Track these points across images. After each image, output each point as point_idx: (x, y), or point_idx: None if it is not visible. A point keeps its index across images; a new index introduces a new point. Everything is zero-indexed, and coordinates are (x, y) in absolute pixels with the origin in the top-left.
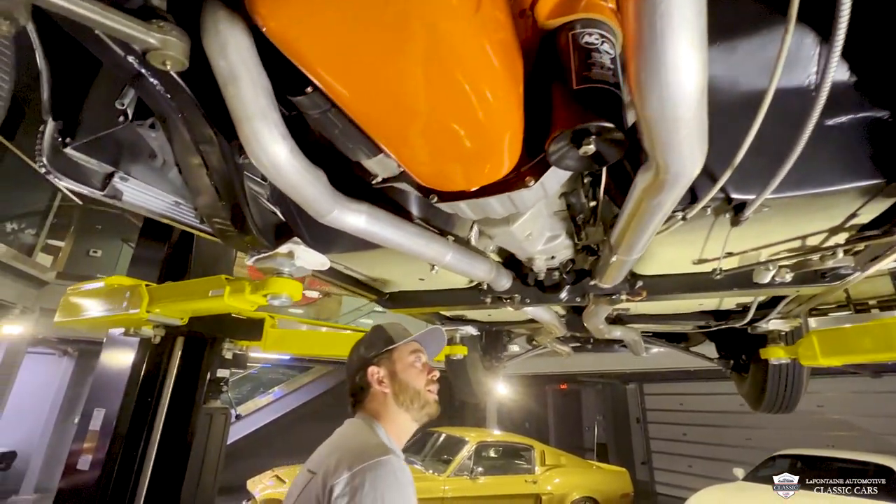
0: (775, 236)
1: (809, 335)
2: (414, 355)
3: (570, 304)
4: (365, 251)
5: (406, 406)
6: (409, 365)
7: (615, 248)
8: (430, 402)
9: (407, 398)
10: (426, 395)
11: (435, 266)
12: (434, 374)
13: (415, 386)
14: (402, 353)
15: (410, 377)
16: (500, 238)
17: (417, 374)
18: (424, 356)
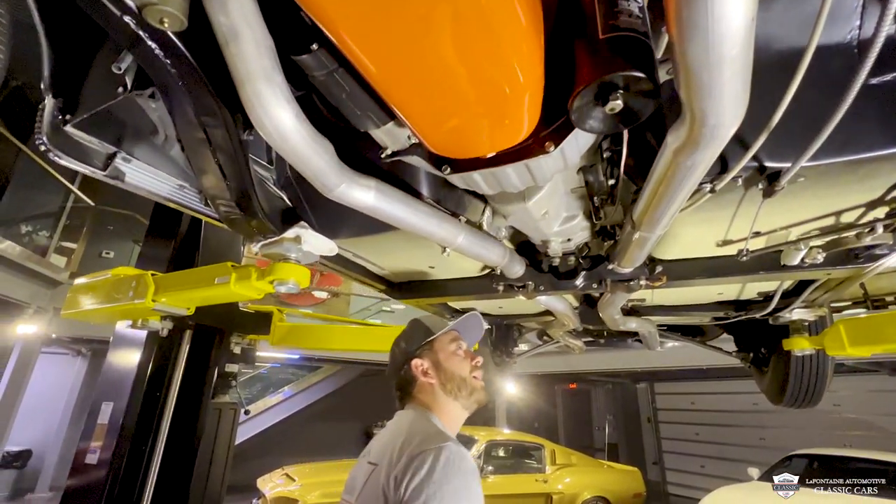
0: (807, 212)
1: (836, 324)
2: (454, 343)
3: (585, 291)
4: (373, 235)
5: (454, 394)
6: (451, 353)
7: (638, 224)
8: (478, 389)
9: (454, 386)
10: (472, 381)
11: (447, 248)
12: (478, 360)
13: (460, 374)
14: (443, 342)
15: (454, 365)
16: (516, 217)
17: (461, 361)
18: (465, 343)
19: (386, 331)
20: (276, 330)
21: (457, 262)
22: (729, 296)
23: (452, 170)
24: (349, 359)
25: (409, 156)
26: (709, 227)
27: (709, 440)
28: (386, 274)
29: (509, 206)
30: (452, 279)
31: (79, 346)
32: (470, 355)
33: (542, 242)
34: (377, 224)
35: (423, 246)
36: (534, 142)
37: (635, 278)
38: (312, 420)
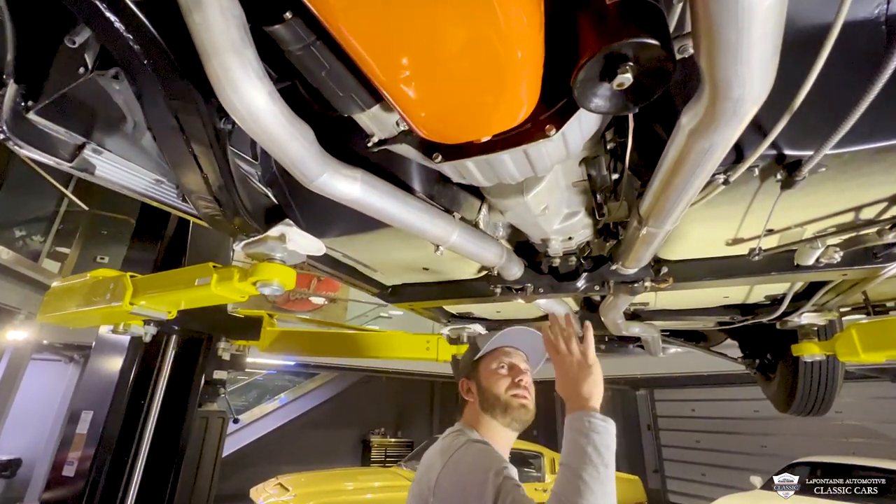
0: (826, 207)
1: (848, 329)
2: (497, 361)
3: (587, 293)
4: (364, 234)
5: (491, 413)
6: (491, 372)
7: (645, 218)
8: (514, 406)
9: (489, 405)
10: (508, 399)
11: (441, 247)
12: (520, 377)
13: (495, 392)
14: (487, 361)
15: (491, 384)
16: (514, 213)
17: (498, 379)
18: (513, 359)
19: (381, 337)
20: (265, 335)
21: (453, 263)
22: (735, 299)
23: (444, 157)
24: (346, 365)
25: (397, 144)
26: (719, 225)
27: (709, 448)
28: (378, 276)
29: (507, 201)
30: (448, 281)
31: (71, 353)
32: (513, 373)
33: (541, 241)
34: (367, 222)
35: (417, 246)
36: (532, 125)
37: (640, 280)
38: (308, 428)
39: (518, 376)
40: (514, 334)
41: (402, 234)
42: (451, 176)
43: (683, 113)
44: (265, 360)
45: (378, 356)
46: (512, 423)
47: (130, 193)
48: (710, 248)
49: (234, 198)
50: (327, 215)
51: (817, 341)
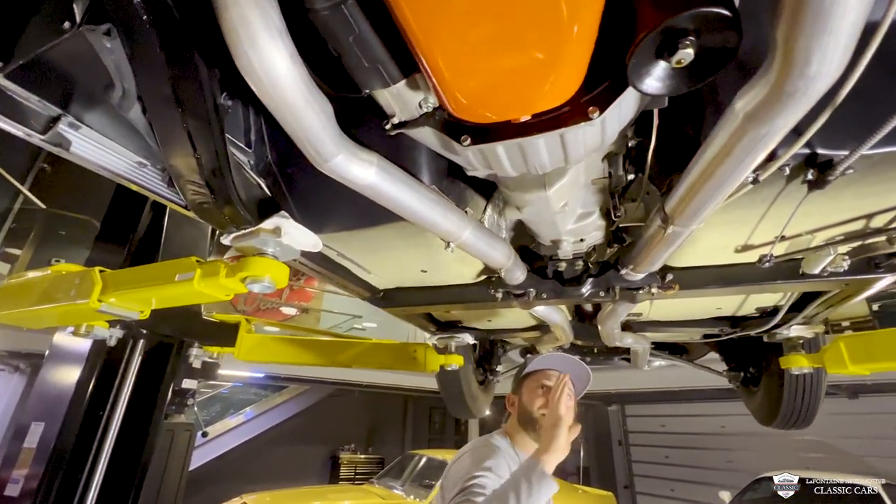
0: (842, 213)
1: (836, 341)
2: (537, 382)
3: (591, 300)
4: (363, 230)
5: (524, 427)
6: (532, 391)
7: (671, 217)
8: (543, 426)
9: (525, 420)
10: (539, 418)
11: (451, 244)
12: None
13: (529, 409)
14: (531, 381)
15: (528, 401)
16: (532, 209)
17: (534, 399)
18: (551, 382)
19: (367, 345)
20: (242, 342)
21: (453, 266)
22: (727, 311)
23: (473, 140)
24: (318, 378)
25: (418, 127)
26: (731, 230)
27: (678, 463)
28: (372, 278)
29: (527, 195)
30: (445, 286)
31: (17, 362)
32: (546, 394)
33: (551, 242)
34: (370, 216)
35: (419, 244)
36: (572, 108)
37: (646, 286)
38: (275, 443)
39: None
40: (555, 359)
41: (405, 232)
42: (471, 165)
43: (739, 96)
44: (233, 371)
45: (363, 365)
46: (539, 439)
47: (109, 175)
48: (718, 255)
49: (228, 183)
50: (325, 209)
51: (805, 354)
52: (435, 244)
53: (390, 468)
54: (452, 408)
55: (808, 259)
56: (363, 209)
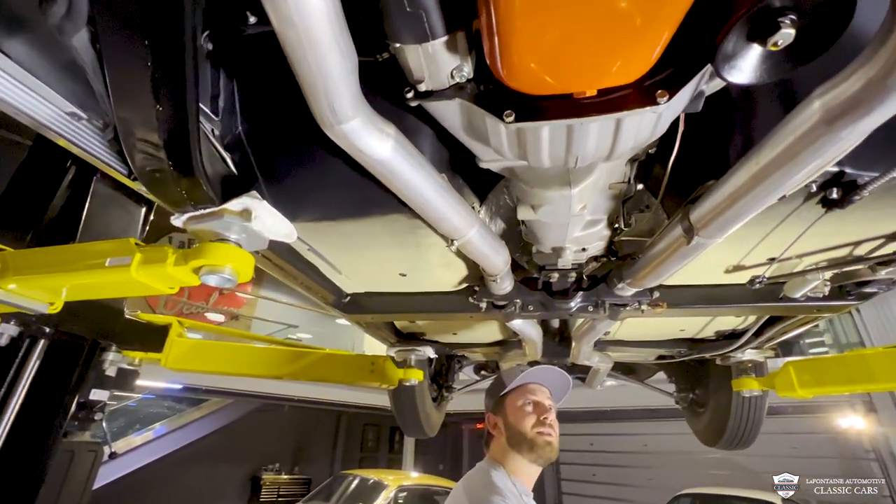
0: (839, 237)
1: (786, 365)
2: (524, 398)
3: (579, 314)
4: (349, 221)
5: (518, 449)
6: (518, 409)
7: (697, 227)
8: (540, 444)
9: (517, 442)
10: (534, 437)
11: (455, 242)
12: (545, 415)
13: (521, 429)
14: (514, 397)
15: (518, 420)
16: (549, 209)
17: (525, 416)
18: (538, 396)
19: (319, 355)
20: (172, 347)
21: (436, 269)
22: (690, 333)
23: (518, 116)
24: (244, 391)
25: (446, 100)
26: (731, 247)
27: (604, 481)
28: (341, 280)
29: (548, 192)
30: (423, 293)
31: None
32: (539, 411)
33: (552, 250)
34: (357, 205)
35: (406, 244)
36: (637, 91)
37: (635, 303)
38: (189, 463)
39: (543, 414)
40: (539, 371)
41: (395, 227)
42: (497, 152)
43: (820, 92)
44: (146, 381)
45: (315, 378)
46: (538, 459)
47: (30, 123)
48: (708, 275)
49: (193, 149)
50: (305, 193)
51: (755, 377)
52: (425, 243)
53: (319, 490)
54: (405, 426)
55: (793, 283)
56: (352, 196)
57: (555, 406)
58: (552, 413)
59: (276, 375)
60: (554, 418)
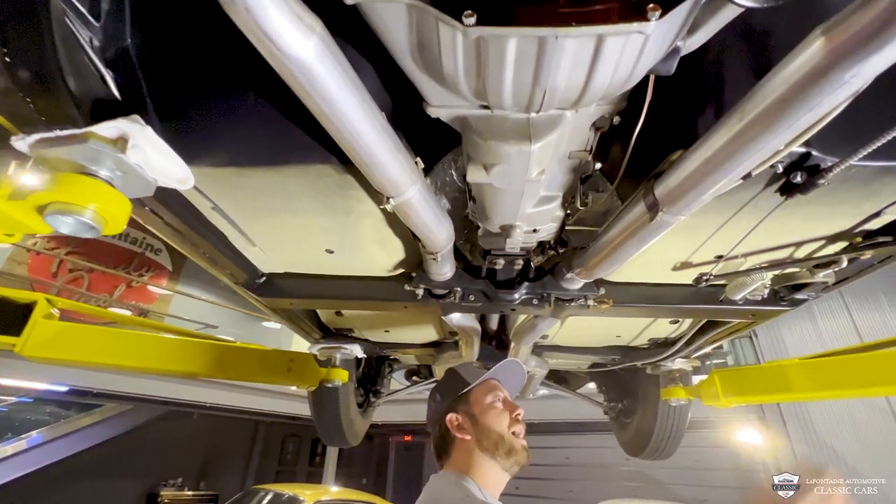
0: (785, 234)
1: (712, 375)
2: (492, 395)
3: (523, 308)
4: (260, 170)
5: (492, 453)
6: (488, 406)
7: (663, 202)
8: (517, 448)
9: (491, 444)
10: (511, 439)
11: (391, 201)
12: (518, 412)
13: (497, 429)
14: (479, 394)
15: (491, 420)
16: (505, 168)
17: (498, 415)
18: (504, 393)
19: (228, 348)
20: (35, 329)
21: (368, 246)
22: (625, 340)
23: (480, 19)
24: (146, 395)
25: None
26: (682, 240)
27: (528, 494)
28: (255, 254)
29: (505, 146)
30: (353, 277)
31: None
32: (510, 407)
33: (500, 230)
34: (272, 150)
35: (333, 208)
36: (621, 4)
37: (582, 298)
38: (72, 477)
39: (516, 412)
40: (505, 366)
41: (319, 184)
42: (449, 79)
43: (824, 29)
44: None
45: (221, 375)
46: (512, 465)
47: None
48: (655, 272)
49: (47, 48)
50: (206, 130)
51: (683, 386)
52: (357, 210)
53: None
54: (325, 433)
55: (735, 284)
56: (268, 137)
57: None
58: (521, 410)
59: (171, 370)
60: None
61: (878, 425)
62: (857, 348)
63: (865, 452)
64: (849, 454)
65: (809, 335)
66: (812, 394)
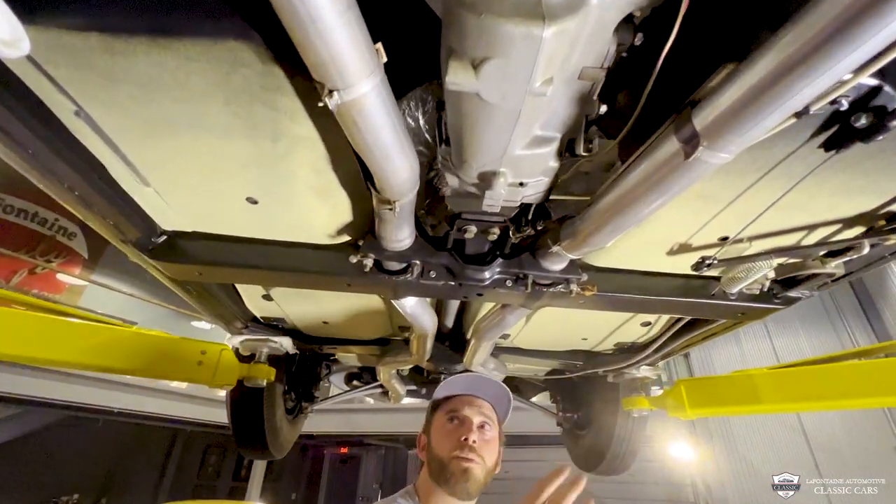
0: (804, 213)
1: (678, 384)
2: (451, 414)
3: (494, 292)
4: (143, 45)
5: (434, 478)
6: (439, 427)
7: (705, 134)
8: (453, 472)
9: (435, 468)
10: (451, 464)
11: (335, 95)
12: (467, 435)
13: (438, 453)
14: (441, 412)
15: (437, 442)
16: (502, 64)
17: (444, 437)
18: (468, 410)
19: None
20: None
21: (304, 197)
22: (591, 343)
23: None
24: (39, 398)
25: None
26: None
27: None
28: (150, 201)
29: (507, 26)
30: (283, 243)
31: None
32: (464, 431)
33: (478, 179)
34: (161, 7)
35: (257, 128)
36: None
37: (564, 282)
38: None
39: (465, 434)
40: (474, 382)
41: (235, 79)
42: None
43: None
44: None
45: (108, 364)
46: (457, 492)
47: None
48: (647, 258)
49: None
50: None
51: (647, 396)
52: (289, 135)
53: None
54: (244, 443)
55: (736, 272)
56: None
57: (493, 422)
58: (479, 433)
59: (49, 359)
60: (481, 438)
61: (790, 441)
62: (824, 359)
63: (780, 466)
64: (765, 467)
65: (735, 356)
66: (781, 405)
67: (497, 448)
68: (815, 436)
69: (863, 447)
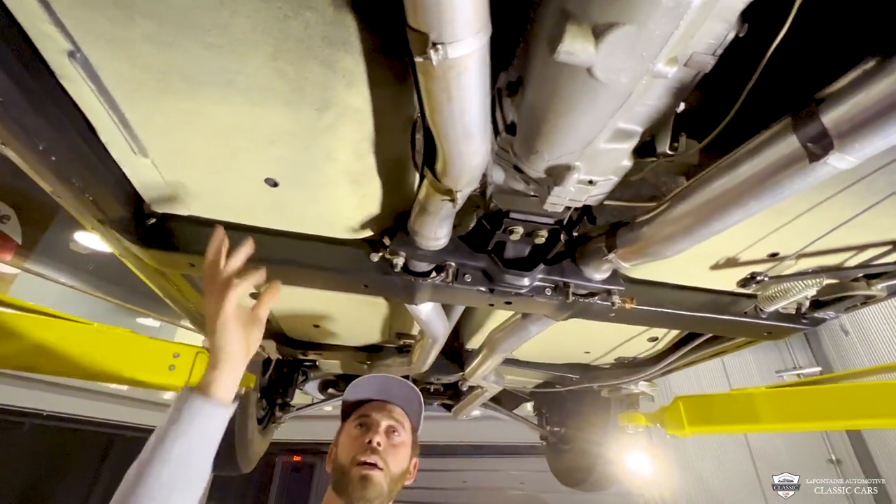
0: (857, 231)
1: (676, 401)
2: (361, 418)
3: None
4: None
5: (337, 488)
6: (346, 435)
7: (845, 128)
8: (353, 481)
9: (337, 478)
10: (351, 471)
11: (440, 46)
12: (371, 438)
13: (339, 459)
14: (350, 421)
15: (340, 447)
16: (626, 37)
17: (349, 444)
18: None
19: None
20: None
21: (333, 182)
22: (593, 357)
23: None
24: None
25: None
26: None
27: None
28: (144, 171)
29: None
30: (294, 234)
31: None
32: (370, 434)
33: (546, 174)
34: None
35: (305, 91)
36: None
37: (604, 293)
38: None
39: (371, 437)
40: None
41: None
42: None
43: None
44: None
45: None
46: (353, 500)
47: None
48: (687, 270)
49: None
50: None
51: (643, 412)
52: (341, 103)
53: None
54: None
55: (777, 291)
56: None
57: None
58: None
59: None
60: (388, 442)
61: (737, 459)
62: (822, 379)
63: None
64: (712, 481)
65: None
66: (779, 425)
67: (408, 455)
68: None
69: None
